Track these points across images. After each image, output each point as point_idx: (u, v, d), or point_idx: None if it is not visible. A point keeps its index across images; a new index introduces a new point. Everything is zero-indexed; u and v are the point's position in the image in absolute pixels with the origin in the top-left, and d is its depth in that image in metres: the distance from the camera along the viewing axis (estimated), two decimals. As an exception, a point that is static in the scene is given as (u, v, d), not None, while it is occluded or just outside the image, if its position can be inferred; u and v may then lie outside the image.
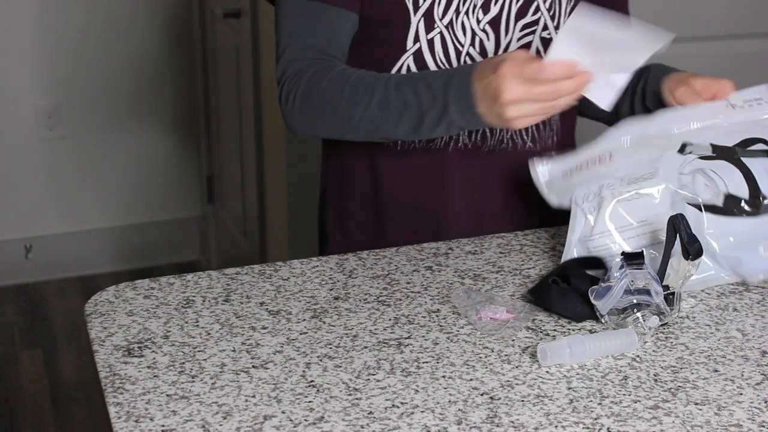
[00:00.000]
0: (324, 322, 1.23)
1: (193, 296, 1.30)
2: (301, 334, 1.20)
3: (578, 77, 1.25)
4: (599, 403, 1.05)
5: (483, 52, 1.47)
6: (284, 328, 1.21)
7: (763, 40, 3.00)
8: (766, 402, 1.05)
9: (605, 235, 1.29)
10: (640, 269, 1.17)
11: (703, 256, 1.23)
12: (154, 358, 1.15)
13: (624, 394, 1.07)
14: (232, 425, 1.02)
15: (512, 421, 1.02)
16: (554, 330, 1.20)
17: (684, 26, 2.92)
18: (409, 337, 1.19)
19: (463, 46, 1.45)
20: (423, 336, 1.19)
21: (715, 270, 1.28)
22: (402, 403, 1.05)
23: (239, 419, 1.03)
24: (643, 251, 1.18)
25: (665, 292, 1.18)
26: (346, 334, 1.20)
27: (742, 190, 1.30)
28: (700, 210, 1.28)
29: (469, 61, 1.46)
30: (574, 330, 1.20)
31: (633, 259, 1.18)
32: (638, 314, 1.16)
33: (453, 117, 1.33)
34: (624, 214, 1.29)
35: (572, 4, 1.49)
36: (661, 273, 1.21)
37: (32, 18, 3.22)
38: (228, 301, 1.29)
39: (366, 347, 1.17)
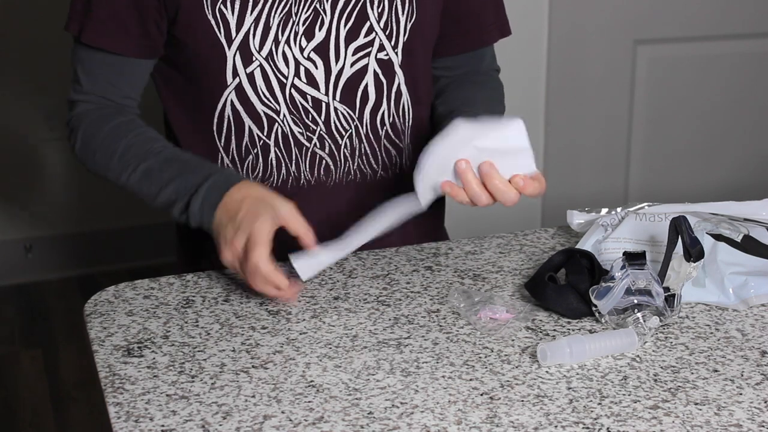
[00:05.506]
0: (324, 322, 1.23)
1: (193, 296, 1.30)
2: (300, 334, 1.20)
3: (281, 293, 1.24)
4: (599, 403, 1.05)
5: (312, 82, 1.40)
6: (284, 328, 1.21)
7: (763, 40, 3.00)
8: (766, 402, 1.05)
9: (619, 241, 1.34)
10: (642, 269, 1.17)
11: (706, 284, 1.25)
12: (154, 358, 1.15)
13: (624, 394, 1.07)
14: (231, 425, 1.02)
15: (512, 421, 1.02)
16: (554, 330, 1.20)
17: (684, 26, 2.92)
18: (408, 337, 1.19)
19: (286, 77, 1.39)
20: (423, 336, 1.19)
21: (718, 298, 1.27)
22: (402, 403, 1.05)
23: (239, 419, 1.03)
24: (644, 251, 1.18)
25: (666, 294, 1.18)
26: (346, 334, 1.20)
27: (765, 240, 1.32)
28: (718, 239, 1.29)
29: (296, 94, 1.40)
30: (574, 330, 1.20)
31: (635, 259, 1.18)
32: (639, 314, 1.16)
33: (192, 206, 1.32)
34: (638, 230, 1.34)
35: (412, 21, 1.42)
36: (662, 274, 1.22)
37: (32, 17, 3.22)
38: (228, 301, 1.29)
39: (366, 347, 1.17)
